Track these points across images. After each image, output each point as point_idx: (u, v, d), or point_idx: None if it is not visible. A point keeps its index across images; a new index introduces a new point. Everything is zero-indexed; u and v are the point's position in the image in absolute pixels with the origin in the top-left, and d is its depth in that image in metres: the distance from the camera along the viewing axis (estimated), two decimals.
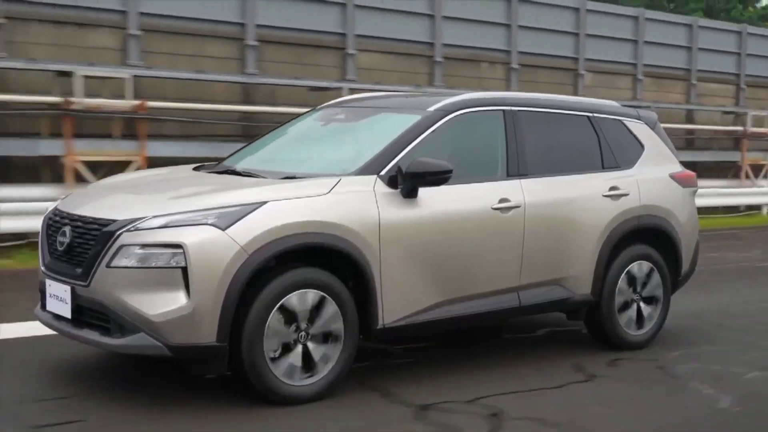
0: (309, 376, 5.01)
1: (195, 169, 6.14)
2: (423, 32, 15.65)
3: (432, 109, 5.77)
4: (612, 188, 6.35)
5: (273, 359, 4.88)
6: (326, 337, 5.05)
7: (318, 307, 5.00)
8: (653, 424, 4.96)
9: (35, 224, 6.86)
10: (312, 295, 4.98)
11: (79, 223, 5.07)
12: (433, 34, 15.73)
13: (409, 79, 15.35)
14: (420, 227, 5.35)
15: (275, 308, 4.86)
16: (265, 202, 4.89)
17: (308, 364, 5.00)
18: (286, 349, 4.93)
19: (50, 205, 5.70)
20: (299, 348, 4.96)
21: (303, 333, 4.97)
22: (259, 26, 13.71)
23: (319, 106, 6.76)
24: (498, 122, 5.99)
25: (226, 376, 5.09)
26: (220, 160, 6.48)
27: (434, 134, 5.63)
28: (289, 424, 4.76)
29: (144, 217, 4.81)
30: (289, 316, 4.91)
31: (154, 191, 5.42)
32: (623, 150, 6.64)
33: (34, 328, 6.03)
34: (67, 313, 5.03)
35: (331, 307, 5.04)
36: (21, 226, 10.51)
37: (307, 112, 6.72)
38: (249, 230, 4.77)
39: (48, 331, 5.43)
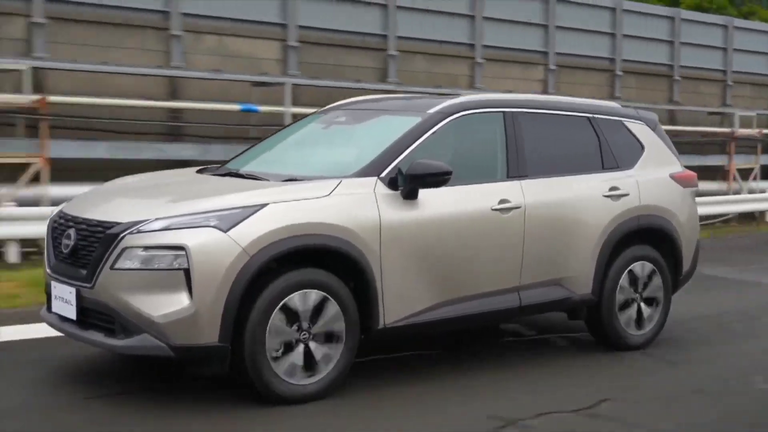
0: (310, 376, 5.07)
1: (198, 171, 6.23)
2: (375, 24, 14.60)
3: (432, 111, 5.82)
4: (612, 188, 6.39)
5: (275, 359, 4.94)
6: (328, 337, 5.11)
7: (319, 308, 5.06)
8: None
9: None
10: (313, 296, 5.04)
11: (84, 226, 5.14)
12: (386, 26, 14.65)
13: (358, 74, 14.34)
14: (420, 228, 5.40)
15: (277, 309, 4.92)
16: (266, 205, 4.96)
17: (310, 363, 5.06)
18: (288, 349, 4.99)
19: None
20: (301, 348, 5.02)
21: (305, 333, 5.03)
22: (186, 15, 12.51)
23: (320, 110, 6.82)
24: (498, 124, 6.04)
25: (228, 377, 5.15)
26: (223, 162, 6.55)
27: (434, 136, 5.68)
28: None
29: (147, 220, 4.88)
30: (291, 316, 4.98)
31: (157, 194, 5.48)
32: (623, 151, 6.67)
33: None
34: (72, 314, 5.10)
35: (332, 308, 5.10)
36: None
37: (309, 115, 6.78)
38: (250, 232, 4.84)
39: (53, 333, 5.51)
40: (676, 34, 19.22)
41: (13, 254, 9.99)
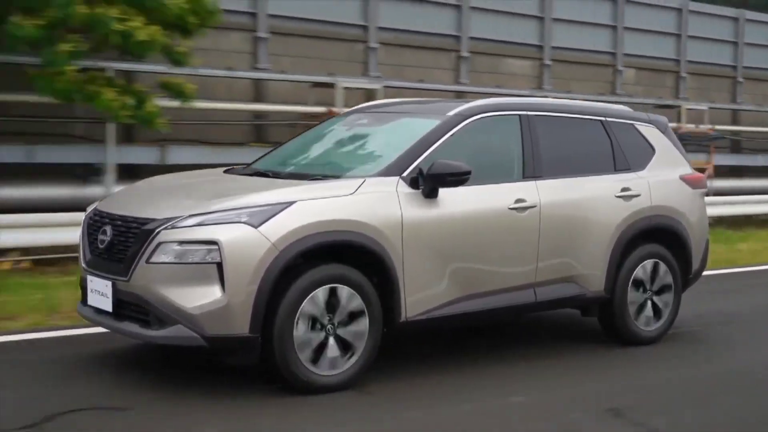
0: (335, 366, 5.28)
1: (226, 171, 6.47)
2: (356, 14, 14.31)
3: (451, 113, 6.06)
4: (624, 189, 6.61)
5: (302, 350, 5.15)
6: (352, 330, 5.33)
7: (344, 302, 5.29)
8: None
9: None
10: (339, 290, 5.26)
11: (119, 222, 5.38)
12: (367, 16, 14.40)
13: (332, 67, 13.95)
14: (440, 226, 5.63)
15: (304, 301, 5.15)
16: (294, 202, 5.19)
17: (335, 355, 5.27)
18: (315, 340, 5.21)
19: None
20: (326, 340, 5.25)
21: (331, 326, 5.26)
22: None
23: (343, 112, 7.06)
24: (514, 126, 6.26)
25: (256, 367, 5.37)
26: (249, 163, 6.79)
27: (453, 137, 5.91)
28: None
29: (181, 216, 5.12)
30: (318, 309, 5.20)
31: (189, 192, 5.73)
32: (635, 153, 6.89)
33: None
34: (108, 307, 5.33)
35: (356, 302, 5.33)
36: None
37: (333, 117, 7.03)
38: (280, 228, 5.07)
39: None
40: (683, 27, 18.67)
41: None
